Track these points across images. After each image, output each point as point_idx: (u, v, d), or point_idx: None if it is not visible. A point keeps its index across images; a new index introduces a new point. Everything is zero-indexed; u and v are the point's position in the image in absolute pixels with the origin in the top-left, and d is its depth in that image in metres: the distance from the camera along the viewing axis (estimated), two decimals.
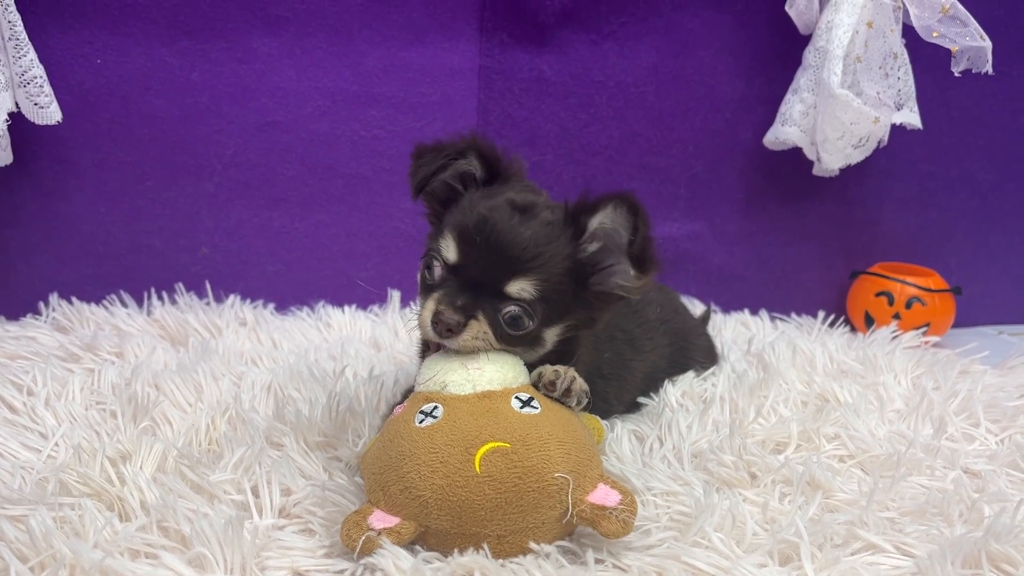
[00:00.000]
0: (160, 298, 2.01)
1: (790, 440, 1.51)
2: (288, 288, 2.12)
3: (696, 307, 2.27)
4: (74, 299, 1.95)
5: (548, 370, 1.23)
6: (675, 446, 1.48)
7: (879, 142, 2.09)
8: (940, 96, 2.25)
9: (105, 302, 1.98)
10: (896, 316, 2.19)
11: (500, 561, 1.07)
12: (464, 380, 1.18)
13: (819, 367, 1.87)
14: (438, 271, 1.23)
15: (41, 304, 1.96)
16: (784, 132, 2.12)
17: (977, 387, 1.77)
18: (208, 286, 2.04)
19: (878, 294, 2.23)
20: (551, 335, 1.25)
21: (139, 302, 2.00)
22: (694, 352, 1.76)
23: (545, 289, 1.19)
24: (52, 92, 1.81)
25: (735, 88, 2.21)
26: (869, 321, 2.24)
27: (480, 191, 1.27)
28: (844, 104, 1.97)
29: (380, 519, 1.08)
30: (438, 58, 2.07)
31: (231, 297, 2.05)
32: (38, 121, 1.80)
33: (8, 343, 1.74)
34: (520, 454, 1.09)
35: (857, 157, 2.09)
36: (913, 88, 2.10)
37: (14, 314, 1.94)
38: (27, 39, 1.76)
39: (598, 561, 1.10)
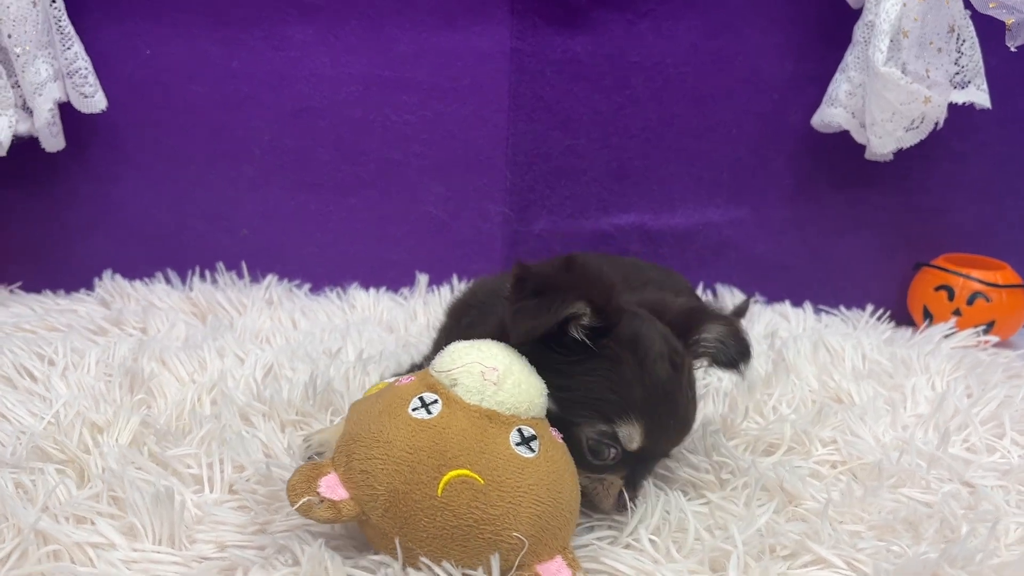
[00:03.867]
0: (203, 277, 2.12)
1: (782, 442, 1.44)
2: (323, 270, 2.18)
3: (736, 297, 2.18)
4: (117, 276, 2.08)
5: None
6: None
7: (935, 124, 1.92)
8: (1019, 72, 2.05)
9: (149, 280, 2.10)
10: (956, 312, 2.02)
11: None
12: (476, 389, 1.08)
13: (846, 365, 1.76)
14: (612, 454, 1.15)
15: (96, 280, 2.10)
16: (830, 114, 1.99)
17: (1019, 394, 1.62)
18: (244, 266, 2.13)
19: (938, 288, 2.07)
20: None
21: (183, 281, 2.11)
22: None
23: None
24: (97, 82, 1.93)
25: (784, 68, 2.10)
26: (928, 317, 2.08)
27: (628, 350, 1.14)
28: (891, 83, 1.82)
29: (330, 487, 1.03)
30: (469, 42, 2.07)
31: (268, 277, 2.13)
32: (84, 110, 1.92)
33: (52, 315, 1.89)
34: (489, 497, 1.01)
35: (910, 140, 1.94)
36: (981, 64, 1.92)
37: (71, 288, 2.09)
38: (72, 32, 1.89)
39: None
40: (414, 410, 1.07)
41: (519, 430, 1.07)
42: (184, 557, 1.09)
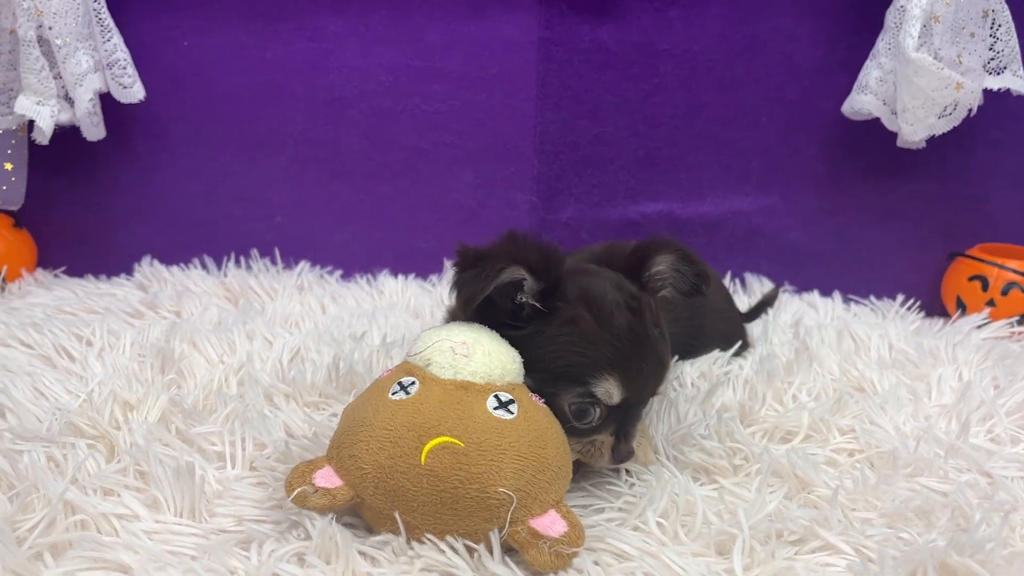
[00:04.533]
0: (238, 263, 2.17)
1: (799, 430, 1.43)
2: (354, 257, 2.22)
3: (766, 286, 2.17)
4: (155, 262, 2.15)
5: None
6: (671, 427, 1.44)
7: (968, 110, 1.89)
8: None
9: (187, 265, 2.16)
10: (990, 303, 1.99)
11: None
12: (448, 364, 1.13)
13: (872, 354, 1.74)
14: (597, 413, 1.17)
15: (136, 265, 2.17)
16: (860, 101, 1.97)
17: None
18: (277, 253, 2.18)
19: (971, 278, 2.04)
20: None
21: (219, 266, 2.17)
22: (711, 334, 1.69)
23: None
24: (135, 73, 1.99)
25: (814, 54, 2.08)
26: (962, 307, 2.05)
27: (582, 307, 1.15)
28: (922, 69, 1.80)
29: (325, 477, 1.10)
30: (497, 31, 2.08)
31: (301, 263, 2.18)
32: (122, 100, 1.99)
33: (92, 298, 1.95)
34: (470, 457, 1.05)
35: (942, 127, 1.91)
36: (1017, 49, 1.89)
37: (112, 272, 2.16)
38: (112, 24, 1.95)
39: None
40: (393, 394, 1.12)
41: (496, 396, 1.11)
42: (203, 529, 1.13)
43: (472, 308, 1.17)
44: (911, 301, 2.10)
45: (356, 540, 1.08)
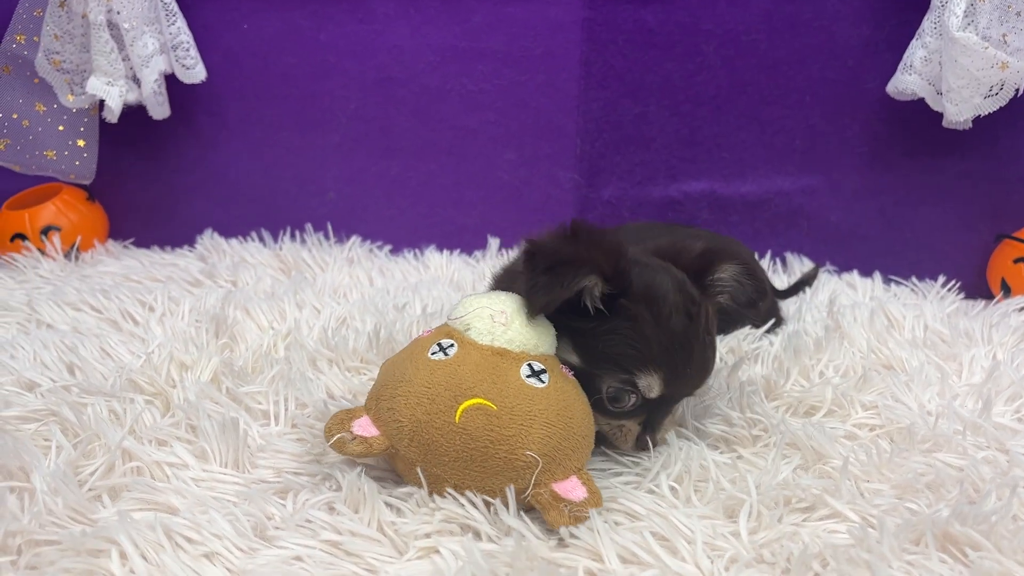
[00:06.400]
0: (293, 237, 2.27)
1: (823, 404, 1.46)
2: (403, 232, 2.30)
3: (807, 266, 2.18)
4: (215, 235, 2.26)
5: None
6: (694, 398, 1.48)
7: (1016, 90, 1.87)
8: None
9: (245, 238, 2.27)
10: None
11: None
12: (486, 330, 1.18)
13: (905, 334, 1.75)
14: (632, 401, 1.22)
15: (198, 237, 2.29)
16: (905, 81, 1.96)
17: None
18: (330, 227, 2.27)
19: (1017, 260, 2.02)
20: None
21: (275, 240, 2.28)
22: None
23: None
24: (198, 54, 2.10)
25: (860, 33, 2.07)
26: (1006, 290, 2.03)
27: (643, 305, 1.18)
28: (967, 49, 1.79)
29: (363, 426, 1.16)
30: (542, 12, 2.13)
31: (352, 238, 2.27)
32: (185, 80, 2.10)
33: (156, 267, 2.08)
34: (502, 420, 1.11)
35: (988, 107, 1.89)
36: None
37: (176, 244, 2.29)
38: (176, 8, 2.06)
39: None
40: (433, 354, 1.18)
41: (529, 364, 1.17)
42: (245, 479, 1.22)
43: (547, 312, 1.20)
44: (953, 283, 2.08)
45: (382, 492, 1.16)
